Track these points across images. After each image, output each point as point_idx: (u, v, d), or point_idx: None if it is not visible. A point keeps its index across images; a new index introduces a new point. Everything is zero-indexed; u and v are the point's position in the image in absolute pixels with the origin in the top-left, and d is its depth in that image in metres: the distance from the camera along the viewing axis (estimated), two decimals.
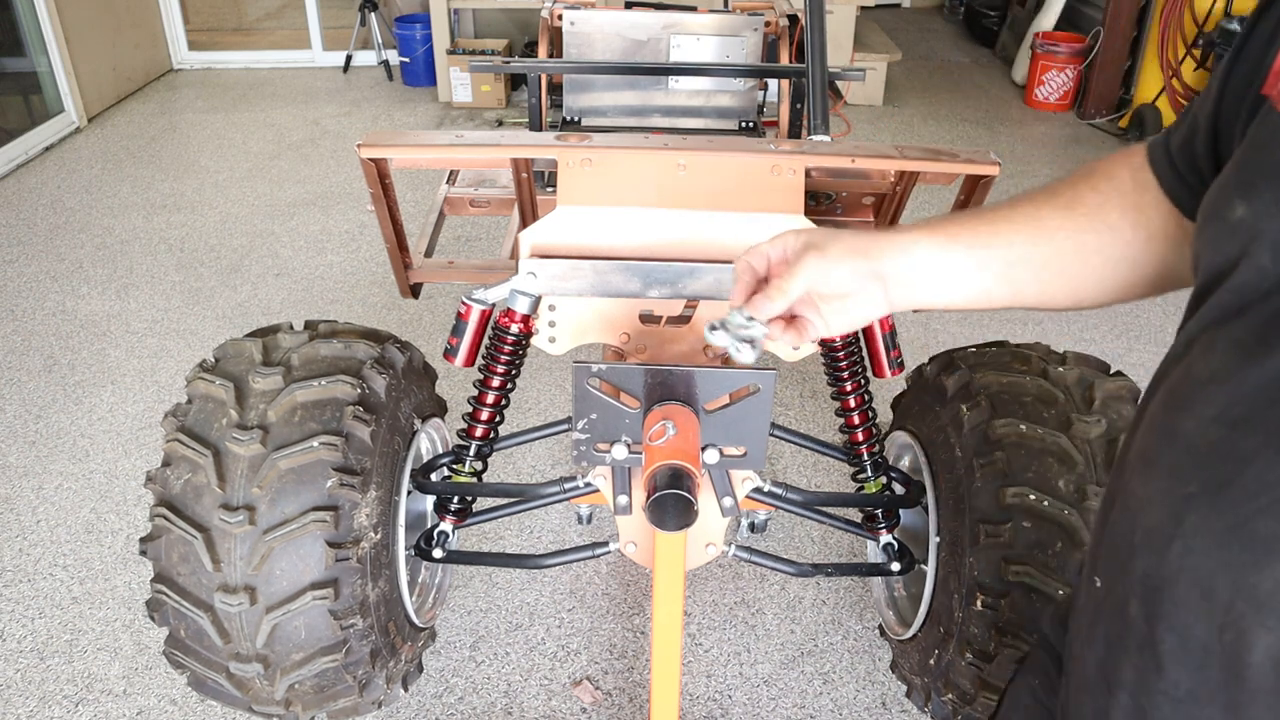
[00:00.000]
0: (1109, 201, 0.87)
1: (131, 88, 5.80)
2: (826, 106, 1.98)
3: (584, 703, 2.06)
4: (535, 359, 3.11)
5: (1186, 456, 0.65)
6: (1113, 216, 0.86)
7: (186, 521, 1.51)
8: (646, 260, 1.60)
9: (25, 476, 2.68)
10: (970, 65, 6.78)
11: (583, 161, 1.61)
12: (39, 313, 3.48)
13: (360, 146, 1.65)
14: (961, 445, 1.66)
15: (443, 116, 5.61)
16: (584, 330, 1.72)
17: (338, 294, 3.64)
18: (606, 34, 3.13)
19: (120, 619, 2.24)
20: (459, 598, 2.31)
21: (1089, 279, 0.89)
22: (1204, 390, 0.64)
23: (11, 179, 4.59)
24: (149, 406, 2.97)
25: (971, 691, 1.63)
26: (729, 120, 3.19)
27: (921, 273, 0.90)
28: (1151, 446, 0.69)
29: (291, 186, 4.59)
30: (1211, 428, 0.63)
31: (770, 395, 1.44)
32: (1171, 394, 0.68)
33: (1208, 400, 0.64)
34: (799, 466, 2.76)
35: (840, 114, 5.52)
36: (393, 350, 1.77)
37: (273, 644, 1.53)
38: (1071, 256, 0.88)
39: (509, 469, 2.74)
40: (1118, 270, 0.88)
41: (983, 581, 1.57)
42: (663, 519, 1.38)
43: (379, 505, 1.62)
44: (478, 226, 4.18)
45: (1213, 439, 0.63)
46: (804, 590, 2.36)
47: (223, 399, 1.58)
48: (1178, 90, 4.98)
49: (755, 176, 1.61)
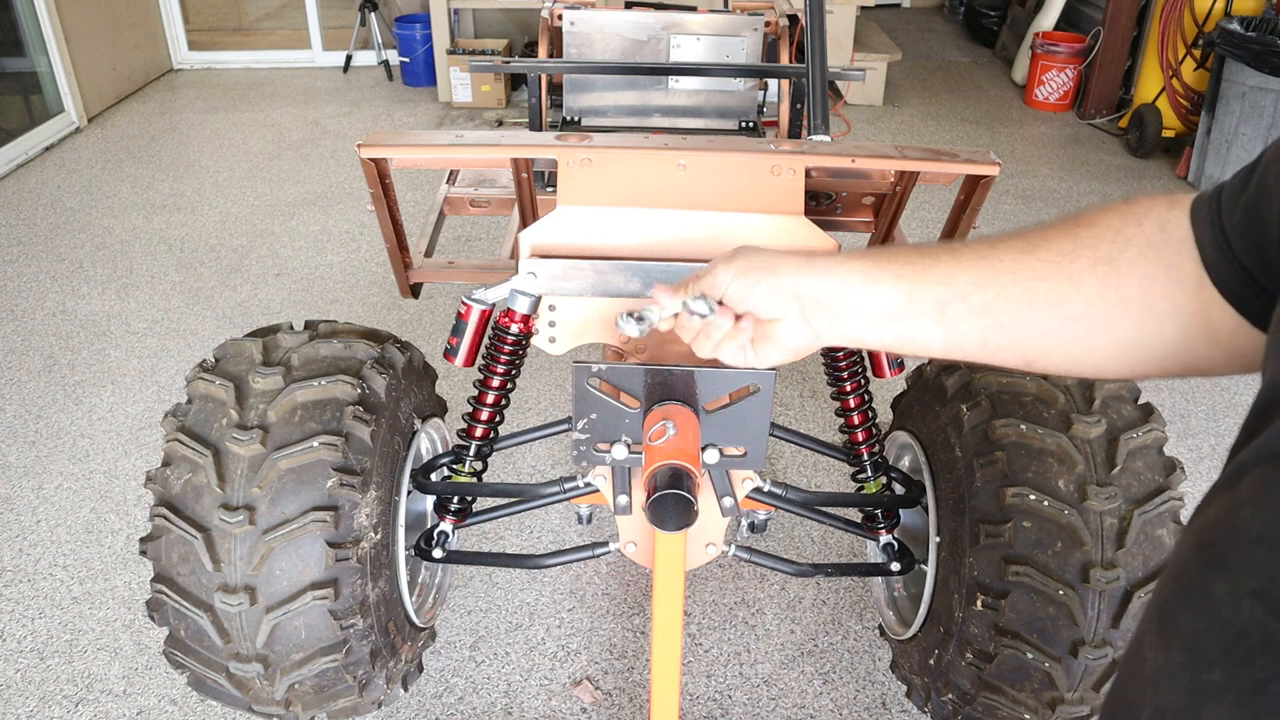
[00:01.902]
0: (1081, 251, 0.72)
1: (131, 88, 5.80)
2: (826, 106, 1.98)
3: (584, 703, 2.06)
4: (535, 359, 3.11)
5: (1213, 633, 0.49)
6: (1077, 266, 0.71)
7: (186, 521, 1.51)
8: (646, 260, 1.60)
9: (25, 476, 2.68)
10: (970, 65, 6.78)
11: (583, 161, 1.61)
12: (39, 313, 3.48)
13: (360, 146, 1.65)
14: (961, 445, 1.66)
15: (443, 116, 5.61)
16: (584, 330, 1.72)
17: (338, 294, 3.64)
18: (606, 34, 3.13)
19: (120, 619, 2.24)
20: (459, 598, 2.31)
21: (1047, 342, 0.73)
22: (1248, 551, 0.49)
23: (11, 179, 4.59)
24: (149, 406, 2.97)
25: (971, 691, 1.63)
26: (729, 120, 3.19)
27: (844, 299, 0.81)
28: (1174, 604, 0.54)
29: (291, 186, 4.59)
30: (1249, 604, 0.47)
31: (770, 395, 1.44)
32: (1207, 543, 0.53)
33: (1251, 566, 0.48)
34: (799, 466, 2.76)
35: (840, 114, 5.52)
36: (393, 350, 1.77)
37: (273, 644, 1.53)
38: (1025, 308, 0.73)
39: (509, 469, 2.74)
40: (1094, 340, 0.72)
41: (983, 581, 1.57)
42: (663, 519, 1.38)
43: (379, 505, 1.62)
44: (478, 226, 4.18)
45: (1248, 620, 0.47)
46: (804, 590, 2.36)
47: (223, 399, 1.58)
48: (1178, 90, 4.98)
49: (755, 176, 1.61)
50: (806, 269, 0.83)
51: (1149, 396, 1.71)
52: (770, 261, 0.86)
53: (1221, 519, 0.53)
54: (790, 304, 0.84)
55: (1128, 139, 5.22)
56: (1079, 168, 4.98)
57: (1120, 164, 5.05)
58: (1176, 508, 1.54)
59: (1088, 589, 1.48)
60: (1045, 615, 1.51)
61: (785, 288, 0.84)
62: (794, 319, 0.85)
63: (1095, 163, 5.05)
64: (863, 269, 0.81)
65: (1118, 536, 1.50)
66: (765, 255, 0.87)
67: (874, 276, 0.80)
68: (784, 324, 0.86)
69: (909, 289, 0.78)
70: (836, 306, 0.83)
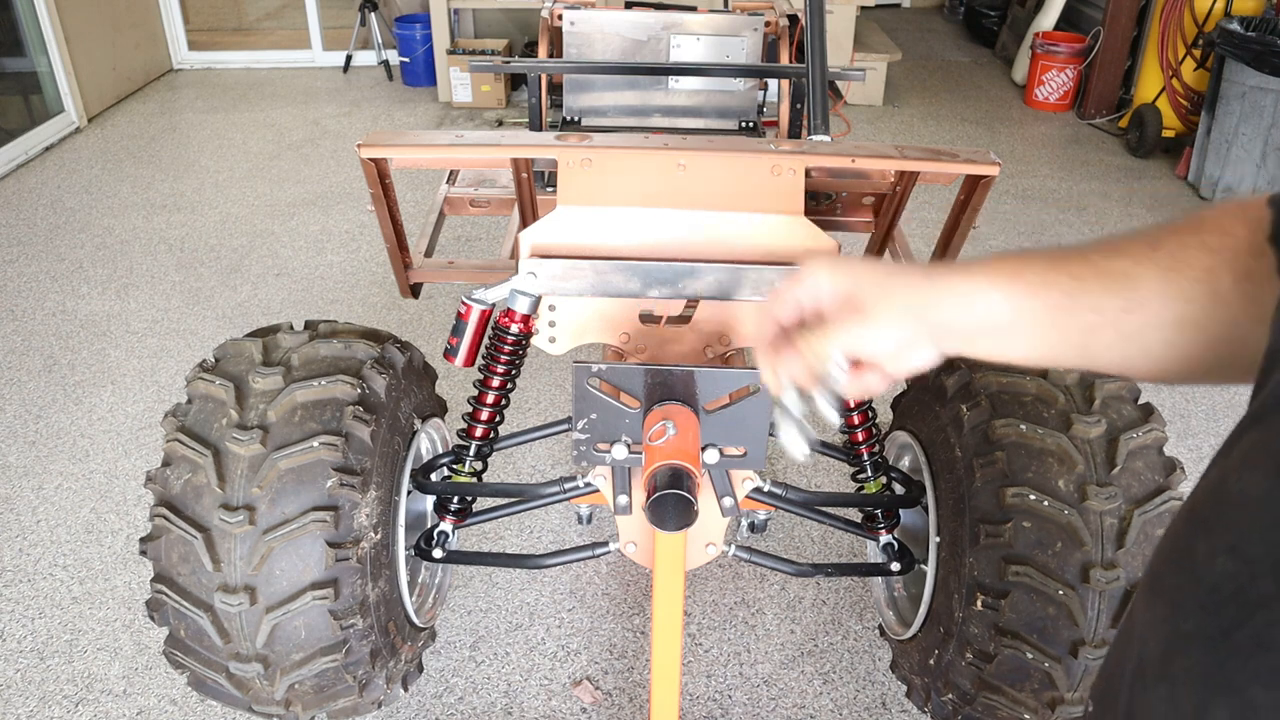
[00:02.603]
0: (1221, 264, 0.68)
1: (131, 88, 5.80)
2: (826, 106, 1.98)
3: (584, 703, 2.06)
4: (535, 359, 3.11)
5: (1191, 587, 0.54)
6: (1225, 283, 0.68)
7: (186, 521, 1.51)
8: (646, 260, 1.60)
9: (25, 476, 2.68)
10: (970, 65, 6.78)
11: (582, 161, 1.61)
12: (39, 313, 3.48)
13: (360, 146, 1.65)
14: (961, 445, 1.66)
15: (443, 116, 5.61)
16: (584, 330, 1.72)
17: (338, 294, 3.64)
18: (606, 34, 3.13)
19: (120, 619, 2.24)
20: (459, 598, 2.31)
21: (1182, 354, 0.71)
22: (1227, 512, 0.53)
23: (11, 179, 4.59)
24: (149, 406, 2.97)
25: (971, 691, 1.64)
26: (729, 120, 3.19)
27: (985, 326, 0.74)
28: (1161, 566, 0.59)
29: (291, 186, 4.59)
30: (1224, 559, 0.52)
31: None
32: (1195, 507, 0.57)
33: (1228, 525, 0.52)
34: (799, 466, 2.76)
35: (840, 114, 5.52)
36: (393, 350, 1.77)
37: (273, 644, 1.53)
38: (1170, 329, 0.70)
39: (509, 469, 2.74)
40: (1217, 348, 0.70)
41: (983, 581, 1.57)
42: (663, 519, 1.39)
43: (379, 505, 1.62)
44: (478, 226, 4.18)
45: (1221, 574, 0.51)
46: (804, 590, 2.36)
47: (223, 399, 1.58)
48: (1178, 90, 4.98)
49: (755, 176, 1.61)
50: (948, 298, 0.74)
51: (1149, 396, 1.71)
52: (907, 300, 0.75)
53: (1210, 486, 0.56)
54: (923, 338, 0.76)
55: (1128, 139, 5.22)
56: (1079, 168, 4.98)
57: (1120, 164, 5.05)
58: (1176, 508, 1.54)
59: (1088, 589, 1.48)
60: (1045, 615, 1.51)
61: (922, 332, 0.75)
62: (924, 349, 0.77)
63: (1095, 163, 5.05)
64: (1009, 295, 0.73)
65: (1118, 536, 1.50)
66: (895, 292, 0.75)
67: (1022, 303, 0.73)
68: (906, 354, 0.77)
69: (1058, 318, 0.72)
70: (974, 334, 0.75)
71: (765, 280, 1.58)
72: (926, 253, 2.42)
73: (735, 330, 1.70)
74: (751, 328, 1.00)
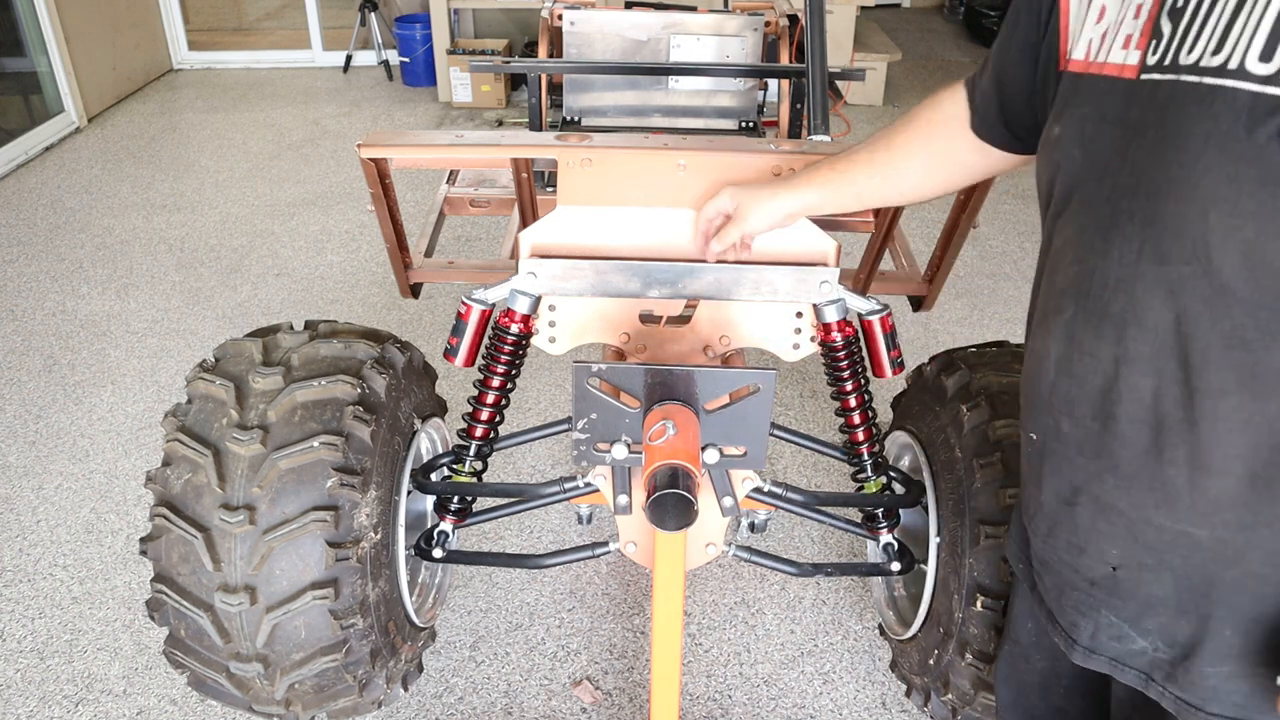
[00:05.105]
0: (916, 143, 1.32)
1: (131, 88, 5.81)
2: (826, 106, 1.99)
3: (584, 703, 2.06)
4: (535, 359, 3.11)
5: (1061, 286, 0.95)
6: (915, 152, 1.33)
7: (186, 521, 1.51)
8: (646, 260, 1.60)
9: (25, 476, 2.68)
10: (970, 65, 6.77)
11: (582, 161, 1.61)
12: (39, 313, 3.48)
13: (360, 146, 1.65)
14: (961, 445, 1.66)
15: (443, 116, 5.61)
16: (584, 330, 1.72)
17: (338, 294, 3.64)
18: (606, 34, 3.13)
19: (120, 619, 2.24)
20: (459, 598, 2.31)
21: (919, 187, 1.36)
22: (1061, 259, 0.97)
23: (11, 179, 4.59)
24: (149, 406, 2.97)
25: (971, 692, 1.64)
26: (729, 120, 3.19)
27: (810, 208, 1.45)
28: (1040, 306, 1.01)
29: (291, 186, 4.59)
30: (1073, 267, 0.94)
31: (770, 395, 1.44)
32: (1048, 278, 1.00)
33: (1066, 264, 0.95)
34: (799, 466, 2.76)
35: (840, 114, 5.52)
36: (393, 350, 1.77)
37: (273, 644, 1.53)
38: (911, 186, 1.36)
39: (509, 469, 2.74)
40: (936, 177, 1.34)
41: (982, 582, 1.57)
42: (663, 519, 1.39)
43: (379, 505, 1.62)
44: (478, 226, 4.18)
45: (1072, 260, 0.94)
46: (804, 590, 2.36)
47: (223, 399, 1.58)
48: None
49: (755, 176, 1.61)
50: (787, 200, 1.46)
51: None
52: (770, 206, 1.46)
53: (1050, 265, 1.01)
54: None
55: None
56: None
57: None
58: None
59: None
60: None
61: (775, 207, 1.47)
62: None
63: None
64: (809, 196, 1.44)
65: None
66: (762, 198, 1.46)
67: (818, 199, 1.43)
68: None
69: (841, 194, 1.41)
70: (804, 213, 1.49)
71: (765, 280, 1.58)
72: (926, 253, 2.42)
73: (735, 330, 1.70)
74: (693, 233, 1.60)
